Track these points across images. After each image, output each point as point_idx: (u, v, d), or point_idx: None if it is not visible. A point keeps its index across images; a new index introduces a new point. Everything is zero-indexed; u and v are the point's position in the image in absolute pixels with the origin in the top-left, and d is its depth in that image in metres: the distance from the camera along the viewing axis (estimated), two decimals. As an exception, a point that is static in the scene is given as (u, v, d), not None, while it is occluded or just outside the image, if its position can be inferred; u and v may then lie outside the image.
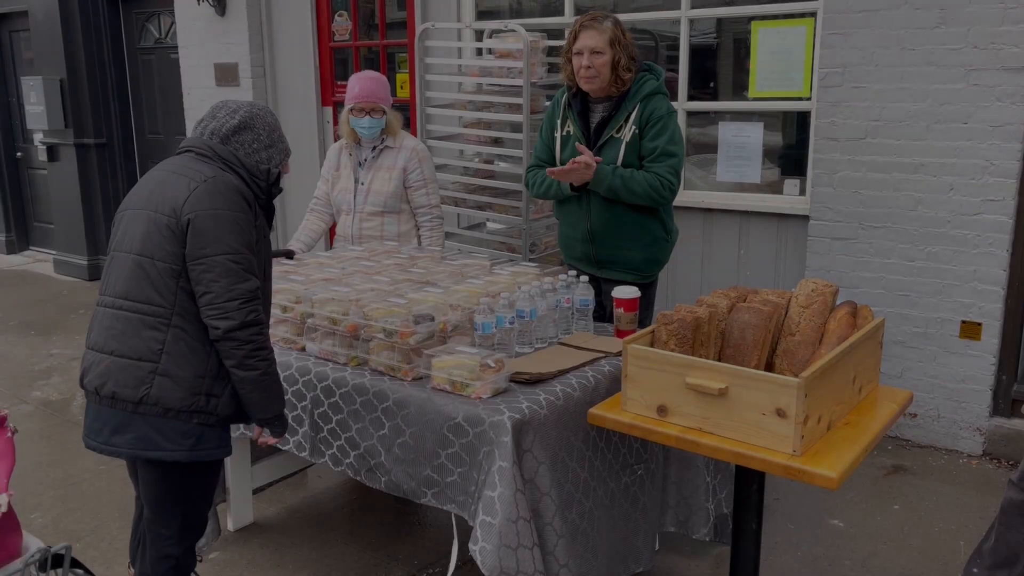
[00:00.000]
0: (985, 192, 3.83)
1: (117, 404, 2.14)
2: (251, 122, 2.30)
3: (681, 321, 2.19)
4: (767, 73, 4.46)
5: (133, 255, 2.16)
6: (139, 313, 2.14)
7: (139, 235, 2.17)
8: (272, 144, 2.33)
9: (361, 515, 3.56)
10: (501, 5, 5.55)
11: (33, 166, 8.76)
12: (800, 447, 1.96)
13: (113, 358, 2.15)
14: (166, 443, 2.15)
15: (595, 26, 3.11)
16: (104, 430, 2.18)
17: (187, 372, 2.14)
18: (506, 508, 2.20)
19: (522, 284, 2.87)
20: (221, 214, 2.14)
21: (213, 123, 2.29)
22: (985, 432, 4.02)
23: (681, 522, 2.90)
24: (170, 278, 2.13)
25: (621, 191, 3.12)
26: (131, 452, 2.16)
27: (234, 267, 2.12)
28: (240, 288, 2.12)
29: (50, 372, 5.38)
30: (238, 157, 2.26)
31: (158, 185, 2.21)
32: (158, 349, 2.13)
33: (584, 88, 3.19)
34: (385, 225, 3.75)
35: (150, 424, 2.14)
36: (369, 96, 3.60)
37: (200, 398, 2.16)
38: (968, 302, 3.95)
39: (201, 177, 2.17)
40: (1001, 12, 3.67)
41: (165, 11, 7.41)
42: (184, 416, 2.15)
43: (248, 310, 2.13)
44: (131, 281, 2.16)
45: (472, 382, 2.37)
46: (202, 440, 2.18)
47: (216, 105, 2.34)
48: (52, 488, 3.82)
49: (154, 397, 2.12)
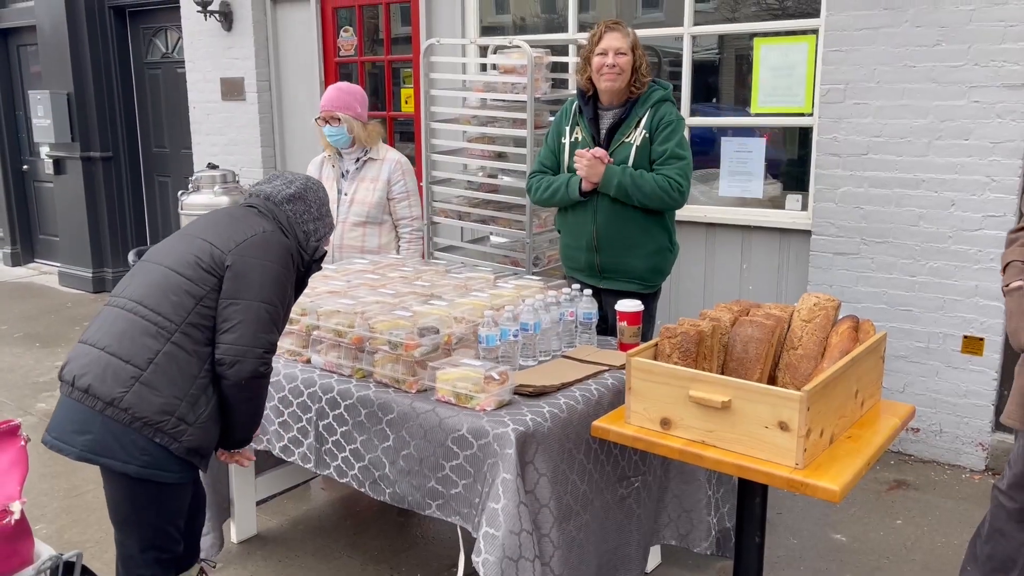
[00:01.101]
0: (986, 208, 3.85)
1: (87, 399, 2.11)
2: (304, 194, 2.43)
3: (684, 334, 2.21)
4: (769, 89, 4.49)
5: (163, 267, 2.23)
6: (146, 320, 2.16)
7: (176, 252, 2.25)
8: (320, 218, 2.47)
9: (364, 528, 3.57)
10: (505, 21, 5.60)
11: (39, 179, 8.82)
12: (803, 460, 1.97)
13: (103, 353, 2.14)
14: (120, 452, 2.11)
15: (620, 29, 3.24)
16: (63, 425, 2.16)
17: (168, 389, 2.13)
18: (509, 520, 2.21)
19: (526, 297, 2.89)
20: (269, 265, 2.24)
21: (268, 188, 2.44)
22: (987, 447, 4.03)
23: (682, 536, 2.91)
24: (190, 298, 2.17)
25: (631, 188, 3.17)
26: (82, 453, 2.12)
27: (266, 317, 2.20)
28: (265, 339, 2.20)
29: (54, 384, 5.39)
30: (292, 224, 2.39)
31: (220, 222, 2.33)
32: (149, 358, 2.13)
33: (604, 86, 3.24)
34: (367, 236, 3.82)
35: (110, 429, 2.10)
36: (327, 104, 3.76)
37: (170, 419, 2.13)
38: (970, 317, 3.96)
39: (261, 228, 2.30)
40: (1002, 30, 3.71)
41: (172, 26, 7.48)
42: (148, 431, 2.11)
43: (263, 361, 2.20)
44: (151, 288, 2.20)
45: (476, 394, 2.39)
46: (158, 461, 2.14)
47: (272, 173, 2.50)
48: (56, 499, 3.83)
49: (127, 402, 2.09)
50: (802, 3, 4.43)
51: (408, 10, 5.92)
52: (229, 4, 6.59)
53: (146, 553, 2.28)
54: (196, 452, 2.20)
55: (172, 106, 7.70)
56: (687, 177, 3.21)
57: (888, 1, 3.94)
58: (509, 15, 5.58)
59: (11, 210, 9.01)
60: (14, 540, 1.91)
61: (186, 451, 2.17)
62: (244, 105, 6.70)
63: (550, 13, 5.38)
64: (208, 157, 6.94)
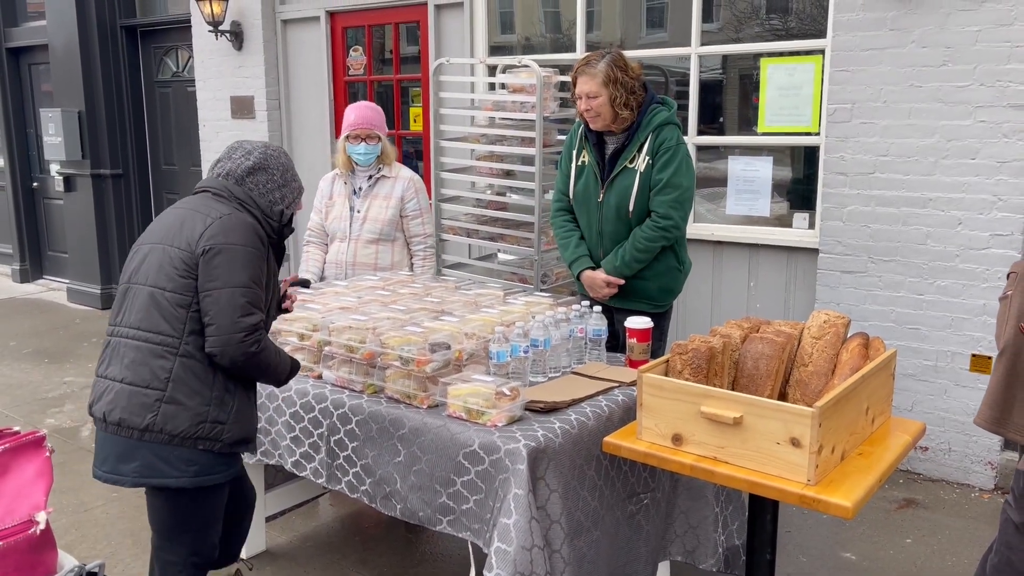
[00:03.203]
0: (993, 227, 3.86)
1: (122, 431, 2.19)
2: (265, 163, 2.39)
3: (696, 351, 2.22)
4: (776, 108, 4.52)
5: (147, 287, 2.24)
6: (149, 343, 2.21)
7: (153, 268, 2.25)
8: (285, 184, 2.42)
9: (373, 544, 3.56)
10: (513, 41, 5.66)
11: (49, 196, 8.88)
12: (815, 476, 1.97)
13: (122, 385, 2.21)
14: (171, 470, 2.20)
15: (587, 71, 3.19)
16: (109, 458, 2.23)
17: (193, 400, 2.20)
18: (521, 536, 2.22)
19: (536, 314, 2.91)
20: (233, 248, 2.22)
21: (229, 164, 2.39)
22: (996, 466, 4.02)
23: (688, 552, 2.90)
24: (180, 309, 2.20)
25: (632, 264, 3.25)
26: (135, 480, 2.21)
27: (241, 300, 2.19)
28: (243, 323, 2.19)
29: (63, 400, 5.41)
30: (252, 198, 2.35)
31: (175, 221, 2.30)
32: (165, 378, 2.19)
33: (592, 127, 3.27)
34: (380, 253, 3.84)
35: (154, 452, 2.18)
36: (365, 123, 3.74)
37: (205, 425, 2.21)
38: (978, 335, 3.96)
39: (217, 214, 2.26)
40: (1008, 50, 3.73)
41: (183, 45, 7.56)
42: (189, 443, 2.20)
43: (248, 344, 2.19)
44: (143, 312, 2.23)
45: (488, 410, 2.40)
46: (206, 467, 2.24)
47: (231, 146, 2.43)
48: (65, 515, 3.84)
49: (159, 424, 2.18)
50: (808, 24, 4.47)
51: (416, 30, 5.98)
52: (240, 24, 6.67)
53: (192, 559, 2.36)
54: (241, 442, 2.30)
55: (182, 124, 7.77)
56: (681, 206, 3.21)
57: (894, 22, 3.98)
58: (516, 35, 5.63)
59: (20, 227, 9.07)
60: (39, 550, 1.93)
61: (231, 446, 2.27)
62: (254, 124, 6.75)
63: (557, 33, 5.44)
64: (217, 175, 6.98)
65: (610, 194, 3.27)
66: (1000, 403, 2.31)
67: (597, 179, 3.31)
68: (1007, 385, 2.30)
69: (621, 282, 3.29)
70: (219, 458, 2.26)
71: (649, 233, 3.21)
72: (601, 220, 3.31)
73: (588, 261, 3.37)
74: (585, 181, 3.34)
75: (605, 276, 3.29)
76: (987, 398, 2.36)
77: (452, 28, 5.72)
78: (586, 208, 3.37)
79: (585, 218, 3.39)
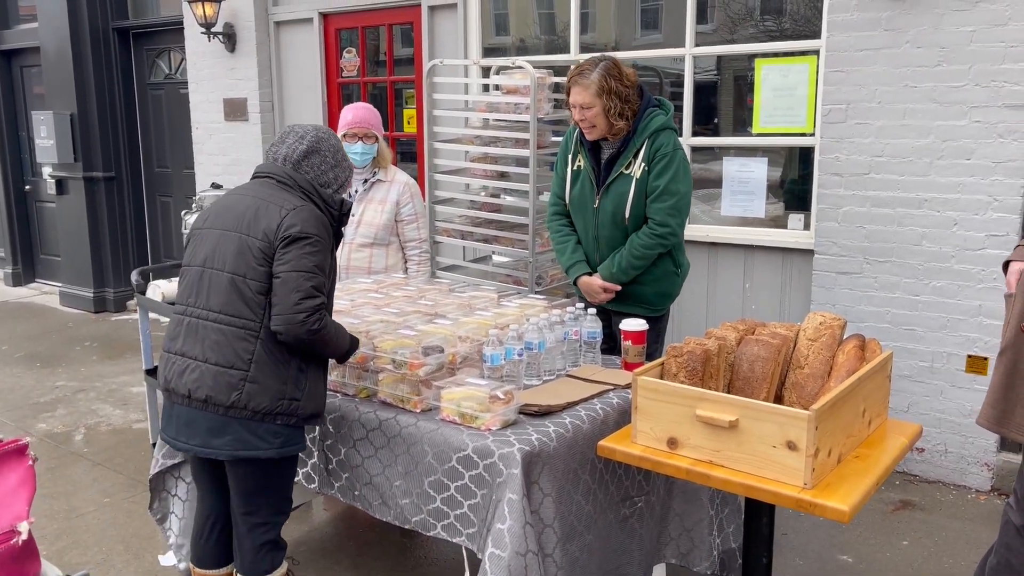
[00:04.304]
0: (989, 227, 3.85)
1: (209, 407, 2.36)
2: (318, 146, 2.52)
3: (691, 354, 2.20)
4: (771, 109, 4.51)
5: (227, 273, 2.38)
6: (232, 326, 2.36)
7: (231, 255, 2.38)
8: (337, 164, 2.56)
9: (367, 548, 3.54)
10: (507, 42, 5.64)
11: (41, 199, 8.84)
12: (811, 480, 1.96)
13: (208, 365, 2.36)
14: (260, 443, 2.38)
15: (580, 81, 3.13)
16: (199, 432, 2.39)
17: (273, 380, 2.36)
18: (515, 541, 2.20)
19: (530, 316, 2.89)
20: (307, 237, 2.36)
21: (284, 148, 2.52)
22: (993, 468, 4.01)
23: (683, 555, 2.88)
24: (261, 296, 2.36)
25: (629, 271, 3.23)
26: (231, 453, 2.38)
27: (306, 284, 2.32)
28: (305, 304, 2.31)
29: (55, 404, 5.38)
30: (313, 185, 2.49)
31: (249, 211, 2.41)
32: (248, 359, 2.35)
33: (588, 137, 3.25)
34: (374, 257, 3.82)
35: (244, 426, 2.36)
36: (362, 122, 3.73)
37: (284, 402, 2.38)
38: (974, 336, 3.95)
39: (291, 205, 2.40)
40: (1002, 50, 3.73)
41: (176, 47, 7.53)
42: (270, 418, 2.37)
43: (309, 323, 2.31)
44: (226, 296, 2.37)
45: (482, 414, 2.38)
46: (290, 439, 2.42)
47: (284, 131, 2.57)
48: (56, 521, 3.80)
49: (243, 401, 2.34)
50: (803, 24, 4.47)
51: (410, 31, 5.96)
52: (232, 25, 6.64)
53: (276, 517, 2.56)
54: (313, 416, 2.46)
55: (175, 126, 7.73)
56: (678, 213, 3.18)
57: (889, 22, 3.97)
58: (510, 36, 5.62)
59: (13, 230, 9.03)
60: (21, 560, 1.90)
61: (304, 420, 2.44)
62: (247, 126, 6.73)
63: (551, 35, 5.42)
64: (211, 177, 6.96)
65: (606, 200, 3.24)
66: (1002, 402, 2.31)
67: (593, 184, 3.28)
68: (1008, 385, 2.29)
69: (618, 288, 3.27)
70: (296, 431, 2.44)
71: (646, 240, 3.18)
72: (597, 225, 3.29)
73: (585, 267, 3.35)
74: (581, 186, 3.32)
75: (601, 282, 3.27)
76: (988, 397, 2.35)
77: (446, 29, 5.70)
78: (582, 213, 3.34)
79: (581, 223, 3.37)
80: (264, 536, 2.53)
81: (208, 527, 2.66)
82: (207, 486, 2.64)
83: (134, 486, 4.13)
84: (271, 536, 2.54)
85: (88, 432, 4.90)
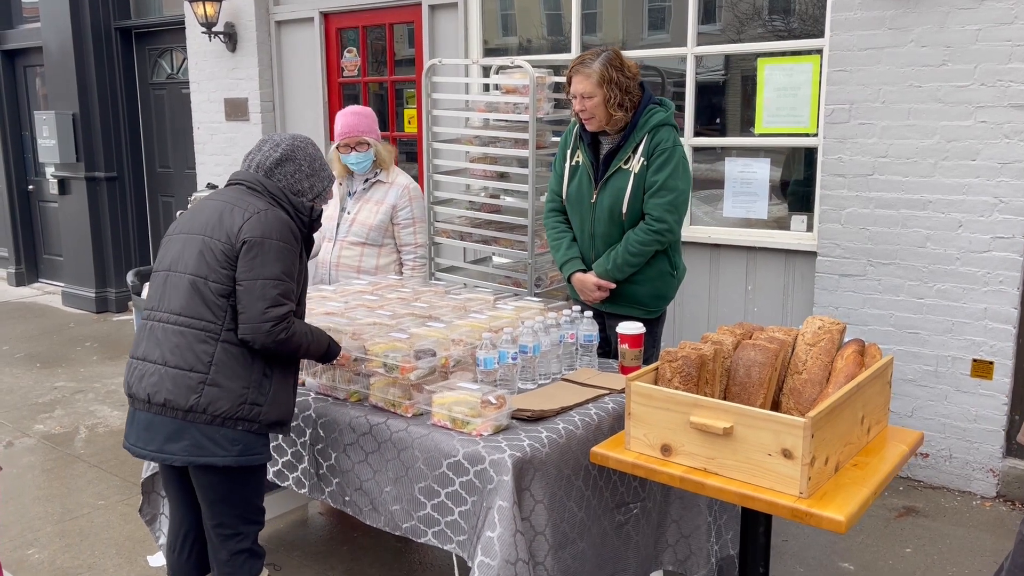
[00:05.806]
0: (994, 229, 3.79)
1: (168, 411, 2.30)
2: (292, 154, 2.48)
3: (685, 359, 2.15)
4: (774, 109, 4.46)
5: (188, 275, 2.34)
6: (192, 328, 2.31)
7: (193, 258, 2.35)
8: (313, 173, 2.51)
9: (360, 554, 3.50)
10: (508, 42, 5.59)
11: (44, 199, 8.83)
12: (807, 489, 1.91)
13: (167, 368, 2.31)
14: (217, 449, 2.32)
15: (582, 70, 3.10)
16: (156, 438, 2.33)
17: (234, 383, 2.31)
18: (505, 550, 2.15)
19: (525, 319, 2.84)
20: (269, 243, 2.32)
21: (259, 156, 2.49)
22: (998, 473, 3.94)
23: (680, 561, 2.83)
24: (222, 297, 2.31)
25: (624, 268, 3.18)
26: (185, 458, 2.32)
27: (272, 292, 2.30)
28: (272, 313, 2.29)
29: (53, 405, 5.35)
30: (283, 191, 2.44)
31: (213, 214, 2.38)
32: (208, 361, 2.30)
33: (588, 128, 3.20)
34: (364, 256, 3.77)
35: (201, 431, 2.30)
36: (351, 131, 3.67)
37: (245, 407, 2.33)
38: (979, 340, 3.89)
39: (254, 209, 2.37)
40: (1008, 50, 3.67)
41: (177, 47, 7.51)
42: (230, 423, 2.31)
43: (276, 332, 2.29)
44: (186, 299, 2.33)
45: (473, 419, 2.34)
46: (249, 446, 2.35)
47: (262, 139, 2.54)
48: (50, 523, 3.78)
49: (203, 405, 2.29)
50: (806, 23, 4.41)
51: (412, 31, 5.92)
52: (234, 25, 6.61)
53: (247, 527, 2.50)
54: (276, 424, 2.41)
55: (176, 126, 7.72)
56: (676, 210, 3.14)
57: (893, 21, 3.91)
58: (513, 36, 5.57)
59: (16, 230, 9.03)
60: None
61: (267, 427, 2.38)
62: (248, 125, 6.70)
63: (554, 35, 5.37)
64: (212, 177, 6.94)
65: (603, 195, 3.20)
66: None
67: (591, 180, 3.24)
68: None
69: (612, 286, 3.22)
70: (258, 438, 2.37)
71: (642, 236, 3.14)
72: (594, 222, 3.25)
73: (579, 263, 3.30)
74: (578, 182, 3.28)
75: (596, 279, 3.23)
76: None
77: (447, 29, 5.66)
78: (579, 209, 3.30)
79: (578, 219, 3.32)
80: (238, 545, 2.48)
81: (181, 540, 2.60)
82: (177, 498, 2.57)
83: (129, 489, 4.10)
84: (245, 545, 2.49)
85: (85, 434, 4.87)
